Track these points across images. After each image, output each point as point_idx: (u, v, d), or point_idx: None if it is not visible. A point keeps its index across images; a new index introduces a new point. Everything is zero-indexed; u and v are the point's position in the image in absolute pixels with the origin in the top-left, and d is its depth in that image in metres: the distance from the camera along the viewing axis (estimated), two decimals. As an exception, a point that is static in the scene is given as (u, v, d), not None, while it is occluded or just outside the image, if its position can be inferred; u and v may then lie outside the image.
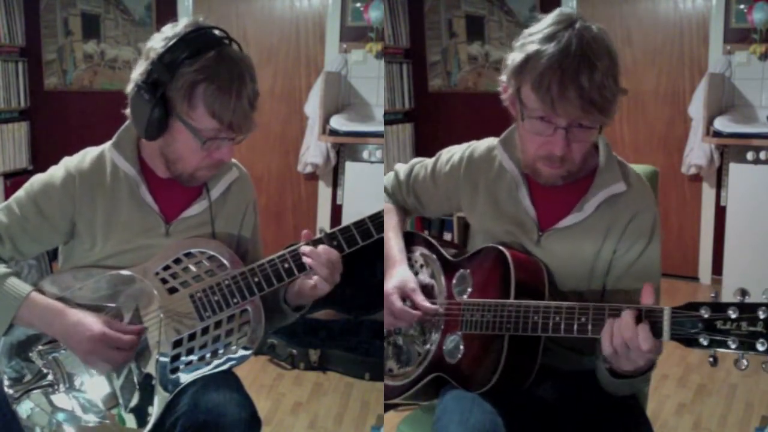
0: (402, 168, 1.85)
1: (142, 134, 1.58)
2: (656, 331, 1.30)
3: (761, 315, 1.22)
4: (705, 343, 1.25)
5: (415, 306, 1.64)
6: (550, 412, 1.57)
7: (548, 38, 1.41)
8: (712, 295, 1.28)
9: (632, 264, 1.56)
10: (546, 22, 1.45)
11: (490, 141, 1.70)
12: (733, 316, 1.24)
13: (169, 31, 1.55)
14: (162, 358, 1.59)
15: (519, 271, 1.52)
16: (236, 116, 1.53)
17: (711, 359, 1.27)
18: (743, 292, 1.25)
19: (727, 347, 1.24)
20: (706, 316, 1.26)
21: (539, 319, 1.44)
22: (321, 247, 1.60)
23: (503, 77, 1.51)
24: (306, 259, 1.60)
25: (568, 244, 1.57)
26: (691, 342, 1.27)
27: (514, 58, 1.45)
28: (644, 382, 1.50)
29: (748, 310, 1.23)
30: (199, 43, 1.52)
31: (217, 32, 1.57)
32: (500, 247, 1.57)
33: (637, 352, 1.32)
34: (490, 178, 1.66)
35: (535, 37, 1.43)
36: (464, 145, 1.75)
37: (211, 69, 1.51)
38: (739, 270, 3.93)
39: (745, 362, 1.24)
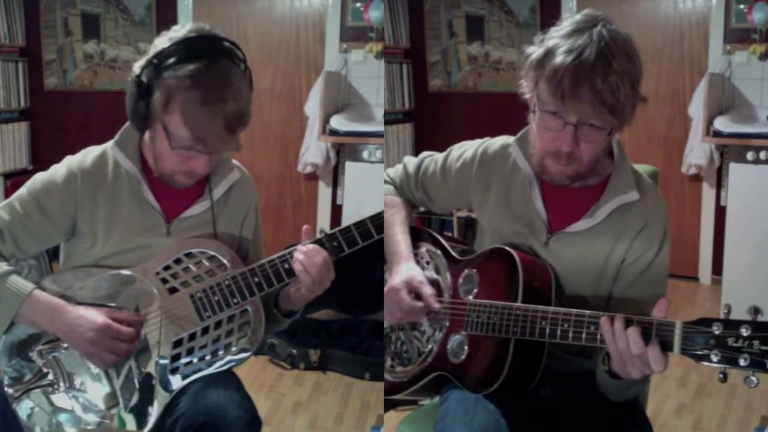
0: (411, 161, 1.83)
1: (131, 124, 1.59)
2: (666, 345, 1.29)
3: None
4: (715, 359, 1.24)
5: (421, 298, 1.63)
6: (552, 413, 1.57)
7: (569, 35, 1.41)
8: (725, 311, 1.27)
9: (641, 273, 1.56)
10: (571, 20, 1.45)
11: (505, 139, 1.68)
12: (746, 333, 1.22)
13: (174, 33, 1.55)
14: (162, 359, 1.59)
15: (527, 275, 1.51)
16: (209, 134, 1.51)
17: (721, 375, 1.26)
18: (756, 310, 1.23)
19: (738, 365, 1.23)
20: (717, 332, 1.25)
21: (547, 325, 1.43)
22: (313, 248, 1.60)
23: (523, 71, 1.50)
24: (298, 256, 1.59)
25: (576, 248, 1.56)
26: (701, 358, 1.26)
27: (534, 51, 1.45)
28: (644, 383, 1.50)
29: (760, 328, 1.22)
30: (193, 50, 1.51)
31: (226, 44, 1.54)
32: (509, 249, 1.56)
33: (632, 360, 1.32)
34: (503, 177, 1.65)
35: (557, 33, 1.44)
36: (477, 142, 1.73)
37: (193, 80, 1.48)
38: (739, 270, 3.93)
39: (755, 379, 1.23)
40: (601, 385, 1.50)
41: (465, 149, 1.73)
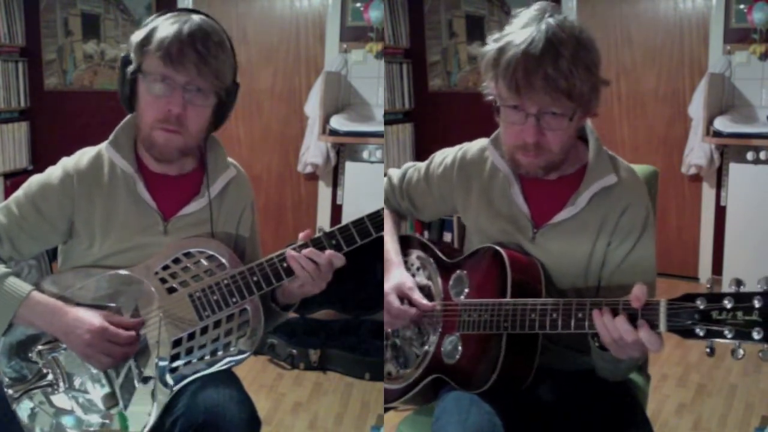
0: (395, 173, 1.86)
1: (124, 105, 1.63)
2: (653, 325, 1.31)
3: (756, 304, 1.22)
4: (701, 333, 1.26)
5: (413, 305, 1.64)
6: (549, 413, 1.57)
7: (519, 29, 1.45)
8: (708, 286, 1.29)
9: (624, 258, 1.56)
10: (522, 15, 1.48)
11: (482, 142, 1.70)
12: (729, 305, 1.24)
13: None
14: (161, 359, 1.59)
15: (515, 271, 1.52)
16: (174, 47, 1.53)
17: (708, 350, 1.27)
18: (738, 282, 1.25)
19: (723, 337, 1.24)
20: (701, 306, 1.26)
21: (536, 316, 1.45)
22: (307, 251, 1.59)
23: (482, 71, 1.53)
24: (291, 252, 1.60)
25: (563, 240, 1.57)
26: (687, 333, 1.27)
27: (490, 50, 1.48)
28: (634, 365, 1.51)
29: (743, 299, 1.24)
30: (170, 14, 1.58)
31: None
32: (496, 247, 1.57)
33: (629, 346, 1.34)
34: (484, 179, 1.67)
35: (509, 29, 1.47)
36: (457, 147, 1.75)
37: (168, 20, 1.56)
38: (739, 270, 3.92)
39: (741, 351, 1.25)
40: (596, 364, 1.52)
41: (445, 155, 1.75)
